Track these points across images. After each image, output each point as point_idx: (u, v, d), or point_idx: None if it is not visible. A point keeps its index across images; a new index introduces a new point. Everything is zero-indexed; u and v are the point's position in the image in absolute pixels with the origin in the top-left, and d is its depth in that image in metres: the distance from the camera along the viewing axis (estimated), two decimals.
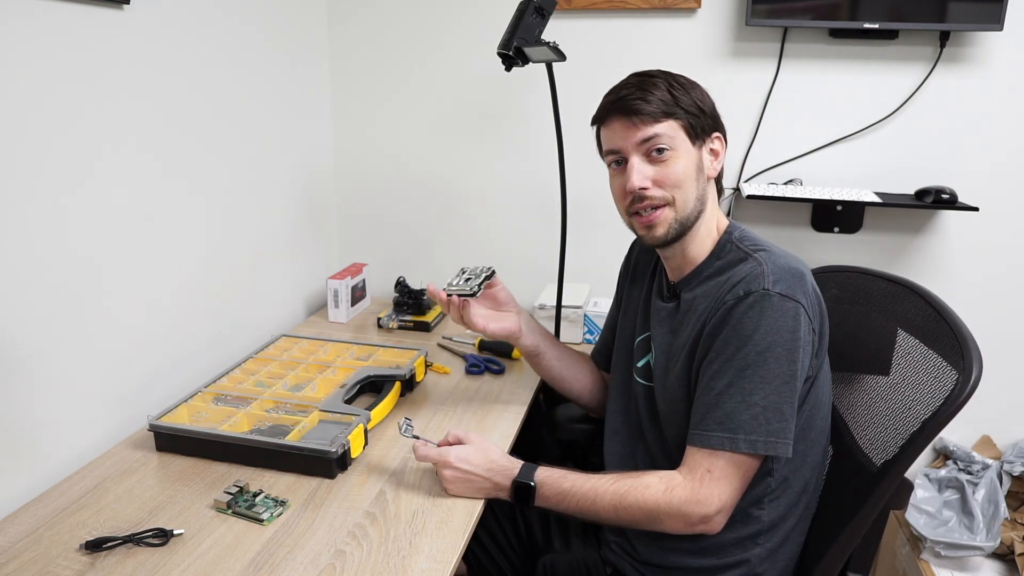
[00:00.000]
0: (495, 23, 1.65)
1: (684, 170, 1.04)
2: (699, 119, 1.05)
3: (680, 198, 1.04)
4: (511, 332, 1.23)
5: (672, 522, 0.98)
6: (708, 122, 1.06)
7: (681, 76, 1.07)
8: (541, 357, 1.28)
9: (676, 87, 1.04)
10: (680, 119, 1.04)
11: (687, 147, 1.04)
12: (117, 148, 1.21)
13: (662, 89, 1.04)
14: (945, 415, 0.87)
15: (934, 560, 1.58)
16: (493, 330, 1.21)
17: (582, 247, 1.80)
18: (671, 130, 1.03)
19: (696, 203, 1.05)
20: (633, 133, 1.04)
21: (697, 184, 1.05)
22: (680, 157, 1.04)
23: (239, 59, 1.53)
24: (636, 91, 1.04)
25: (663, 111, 1.03)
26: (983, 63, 1.61)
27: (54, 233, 1.11)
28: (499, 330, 1.22)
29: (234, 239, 1.56)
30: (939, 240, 1.72)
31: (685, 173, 1.04)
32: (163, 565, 0.91)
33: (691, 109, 1.04)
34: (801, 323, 0.94)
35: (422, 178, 1.96)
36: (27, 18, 1.03)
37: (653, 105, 1.02)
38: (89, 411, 1.20)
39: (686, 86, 1.06)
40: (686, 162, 1.04)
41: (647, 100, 1.03)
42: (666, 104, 1.03)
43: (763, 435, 0.94)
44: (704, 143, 1.06)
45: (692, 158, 1.05)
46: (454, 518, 1.02)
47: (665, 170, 1.04)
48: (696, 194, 1.05)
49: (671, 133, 1.03)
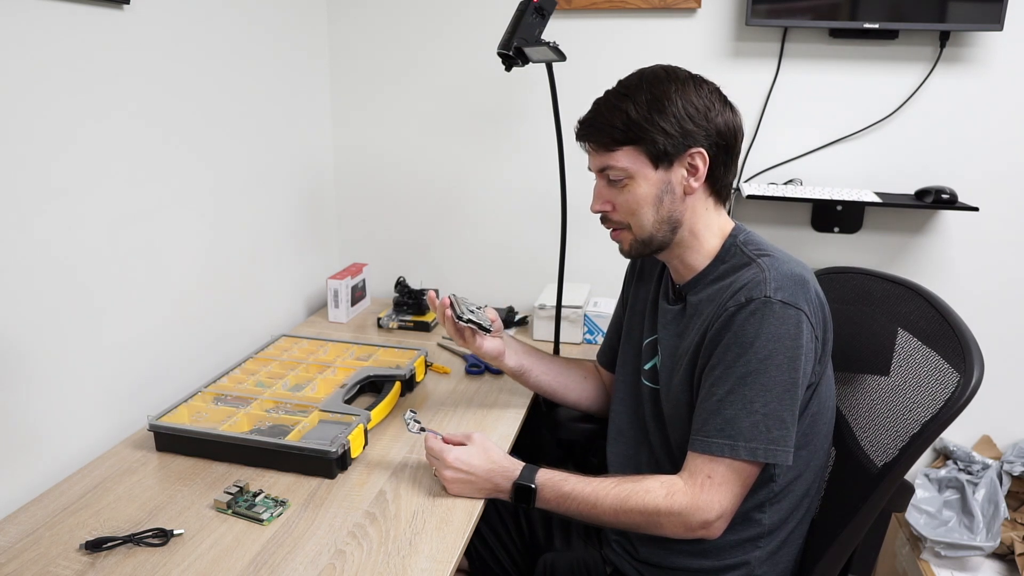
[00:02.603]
0: (495, 23, 1.65)
1: (641, 197, 1.02)
2: (669, 140, 0.99)
3: (635, 224, 1.05)
4: (495, 352, 1.25)
5: (672, 527, 0.98)
6: (679, 142, 1.00)
7: (661, 88, 1.00)
8: (527, 375, 1.29)
9: (643, 107, 0.99)
10: (640, 144, 1.00)
11: (646, 173, 1.02)
12: (117, 148, 1.21)
13: (624, 112, 1.00)
14: (946, 417, 0.87)
15: (934, 560, 1.58)
16: (477, 345, 1.23)
17: (582, 247, 1.80)
18: (627, 158, 1.01)
19: (658, 225, 1.04)
20: (592, 159, 1.06)
21: (658, 208, 1.03)
22: (637, 185, 1.02)
23: (239, 60, 1.52)
24: (595, 116, 1.04)
25: (617, 140, 1.01)
26: (983, 63, 1.61)
27: (54, 233, 1.11)
28: (482, 347, 1.24)
29: (234, 239, 1.56)
30: (939, 240, 1.72)
31: (642, 200, 1.03)
32: (163, 565, 0.91)
33: (653, 134, 0.99)
34: (803, 331, 0.94)
35: (422, 178, 1.96)
36: (27, 18, 1.03)
37: (606, 135, 1.02)
38: (89, 411, 1.20)
39: (659, 103, 0.99)
40: (645, 189, 1.02)
41: (600, 129, 1.02)
42: (624, 131, 1.00)
43: (763, 443, 0.93)
44: (674, 164, 1.01)
45: (652, 184, 1.02)
46: (454, 518, 1.02)
47: (621, 196, 1.04)
48: (655, 218, 1.03)
49: (625, 163, 1.02)
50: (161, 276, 1.34)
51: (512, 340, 1.30)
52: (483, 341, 1.23)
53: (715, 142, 1.02)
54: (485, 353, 1.24)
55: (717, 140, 1.02)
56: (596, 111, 1.04)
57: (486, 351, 1.24)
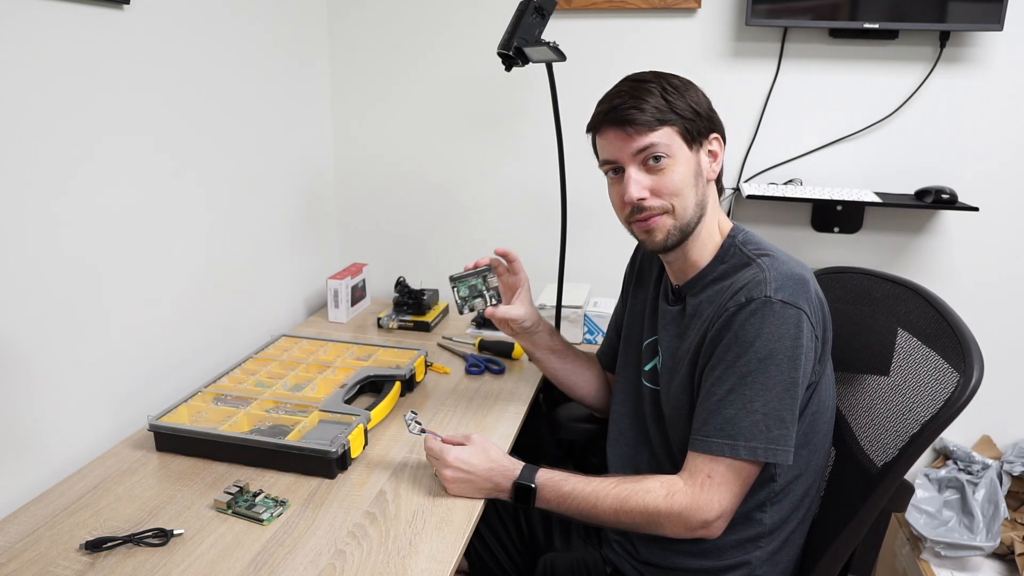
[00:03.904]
0: (495, 23, 1.65)
1: (682, 177, 1.02)
2: (695, 122, 1.02)
3: (679, 205, 1.03)
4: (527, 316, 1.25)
5: (672, 527, 0.98)
6: (704, 124, 1.04)
7: (674, 77, 1.05)
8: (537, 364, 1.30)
9: (670, 91, 1.02)
10: (675, 125, 1.01)
11: (684, 153, 1.03)
12: (117, 148, 1.21)
13: (656, 95, 1.01)
14: (945, 417, 0.87)
15: (934, 560, 1.58)
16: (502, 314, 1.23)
17: (582, 247, 1.80)
18: (667, 137, 1.01)
19: (696, 208, 1.04)
20: (628, 143, 1.02)
21: (696, 189, 1.04)
22: (678, 164, 1.02)
23: (239, 60, 1.52)
24: (629, 99, 1.02)
25: (657, 119, 1.01)
26: (983, 63, 1.61)
27: (54, 233, 1.10)
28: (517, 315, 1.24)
29: (234, 239, 1.56)
30: (939, 240, 1.72)
31: (684, 180, 1.02)
32: (163, 565, 0.91)
33: (686, 113, 1.02)
34: (803, 330, 0.94)
35: (422, 178, 1.96)
36: (27, 18, 1.03)
37: (647, 114, 1.01)
38: (89, 411, 1.20)
39: (680, 88, 1.03)
40: (684, 169, 1.02)
41: (641, 109, 1.01)
42: (660, 111, 1.01)
43: (763, 442, 0.93)
44: (701, 146, 1.04)
45: (690, 164, 1.03)
46: (454, 518, 1.02)
47: (663, 179, 1.02)
48: (695, 199, 1.04)
49: (667, 141, 1.01)
50: (161, 276, 1.34)
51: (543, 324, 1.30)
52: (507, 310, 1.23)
53: (722, 132, 1.07)
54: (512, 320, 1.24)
55: (722, 132, 1.08)
56: (631, 94, 1.02)
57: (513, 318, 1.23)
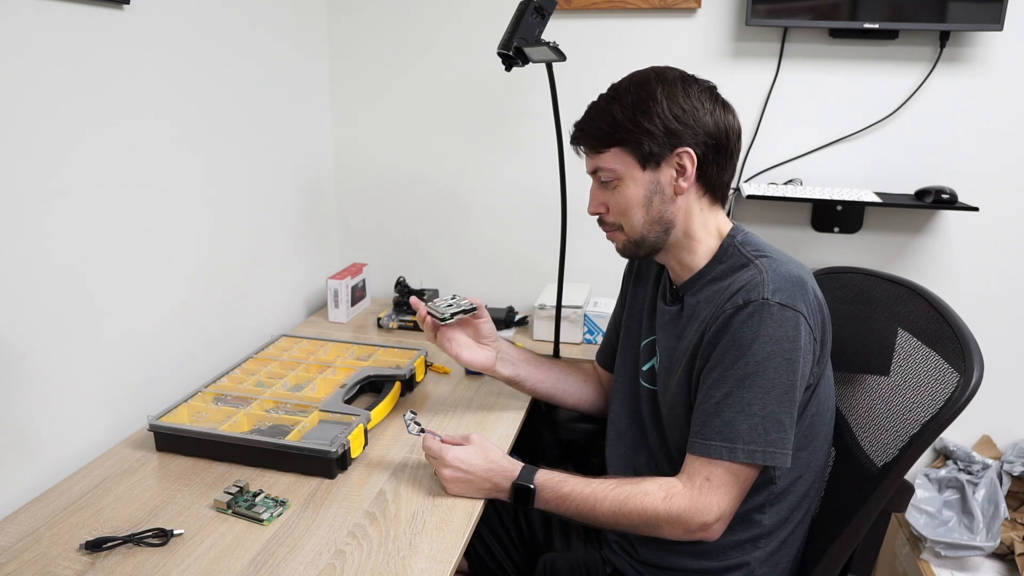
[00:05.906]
0: (495, 23, 1.65)
1: (631, 198, 1.04)
2: (654, 140, 1.00)
3: (627, 224, 1.07)
4: (484, 365, 1.25)
5: (671, 529, 0.98)
6: (669, 141, 1.00)
7: (647, 89, 1.01)
8: (522, 384, 1.29)
9: (628, 108, 1.01)
10: (627, 146, 1.02)
11: (634, 174, 1.03)
12: (117, 148, 1.21)
13: (610, 115, 1.02)
14: (945, 417, 0.87)
15: (934, 560, 1.58)
16: (466, 358, 1.23)
17: (582, 247, 1.80)
18: (615, 159, 1.04)
19: (649, 226, 1.05)
20: (586, 161, 1.09)
21: (647, 209, 1.04)
22: (626, 186, 1.04)
23: (239, 59, 1.52)
24: (586, 120, 1.07)
25: (605, 142, 1.04)
26: (983, 63, 1.61)
27: (54, 234, 1.11)
28: (472, 359, 1.23)
29: (234, 239, 1.56)
30: (939, 240, 1.72)
31: (631, 201, 1.04)
32: (163, 565, 0.91)
33: (640, 135, 1.00)
34: (801, 332, 0.94)
35: (422, 178, 1.96)
36: (27, 18, 1.03)
37: (593, 138, 1.05)
38: (89, 411, 1.20)
39: (644, 105, 1.00)
40: (634, 190, 1.04)
41: (589, 132, 1.06)
42: (611, 133, 1.02)
43: (761, 445, 0.94)
44: (662, 165, 1.02)
45: (641, 185, 1.03)
46: (454, 518, 1.02)
47: (612, 198, 1.07)
48: (646, 219, 1.05)
49: (613, 164, 1.04)
50: (161, 276, 1.34)
51: (507, 347, 1.29)
52: (470, 355, 1.23)
53: (703, 141, 1.01)
54: (474, 365, 1.24)
55: (706, 140, 1.02)
56: (587, 115, 1.08)
57: (476, 363, 1.23)
